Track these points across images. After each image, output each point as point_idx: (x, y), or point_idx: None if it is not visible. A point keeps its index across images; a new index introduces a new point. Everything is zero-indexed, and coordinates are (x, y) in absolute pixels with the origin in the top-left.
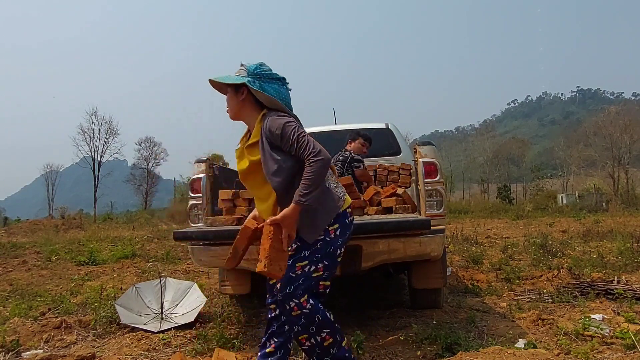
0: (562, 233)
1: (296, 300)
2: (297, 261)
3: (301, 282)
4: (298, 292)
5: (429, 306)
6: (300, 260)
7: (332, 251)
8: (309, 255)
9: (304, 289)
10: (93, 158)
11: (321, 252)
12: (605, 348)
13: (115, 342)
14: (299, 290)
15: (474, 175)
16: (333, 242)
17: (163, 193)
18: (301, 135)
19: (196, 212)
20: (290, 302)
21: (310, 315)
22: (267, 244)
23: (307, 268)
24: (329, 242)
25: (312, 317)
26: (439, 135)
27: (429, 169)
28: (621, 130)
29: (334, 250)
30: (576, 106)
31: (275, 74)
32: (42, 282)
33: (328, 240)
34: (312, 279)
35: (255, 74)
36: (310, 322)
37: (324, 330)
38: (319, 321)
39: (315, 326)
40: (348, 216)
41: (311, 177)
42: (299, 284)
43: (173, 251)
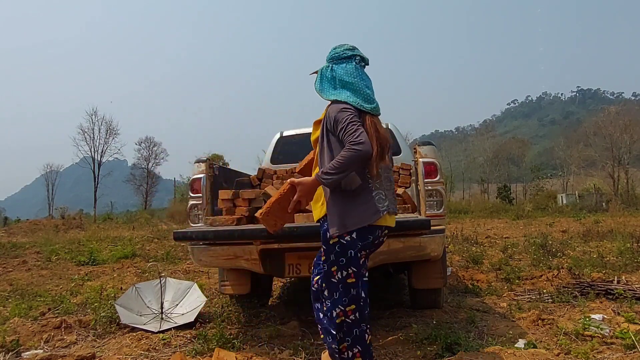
0: (562, 233)
1: (342, 308)
2: (330, 265)
3: (341, 289)
4: (340, 297)
5: (429, 306)
6: (331, 265)
7: (353, 256)
8: (333, 258)
9: (349, 298)
10: (93, 158)
11: (344, 257)
12: (605, 348)
13: (115, 342)
14: (342, 296)
15: (474, 175)
16: (350, 245)
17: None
18: (353, 122)
19: (196, 212)
20: (336, 309)
21: (351, 326)
22: (275, 197)
23: (338, 274)
24: (345, 245)
25: (352, 328)
26: (439, 135)
27: (429, 169)
28: (621, 130)
29: (355, 254)
30: (576, 106)
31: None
32: (42, 282)
33: (344, 243)
34: (349, 286)
35: (332, 59)
36: (348, 333)
37: (357, 346)
38: (355, 335)
39: (351, 339)
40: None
41: (341, 160)
42: (339, 290)
43: (173, 251)
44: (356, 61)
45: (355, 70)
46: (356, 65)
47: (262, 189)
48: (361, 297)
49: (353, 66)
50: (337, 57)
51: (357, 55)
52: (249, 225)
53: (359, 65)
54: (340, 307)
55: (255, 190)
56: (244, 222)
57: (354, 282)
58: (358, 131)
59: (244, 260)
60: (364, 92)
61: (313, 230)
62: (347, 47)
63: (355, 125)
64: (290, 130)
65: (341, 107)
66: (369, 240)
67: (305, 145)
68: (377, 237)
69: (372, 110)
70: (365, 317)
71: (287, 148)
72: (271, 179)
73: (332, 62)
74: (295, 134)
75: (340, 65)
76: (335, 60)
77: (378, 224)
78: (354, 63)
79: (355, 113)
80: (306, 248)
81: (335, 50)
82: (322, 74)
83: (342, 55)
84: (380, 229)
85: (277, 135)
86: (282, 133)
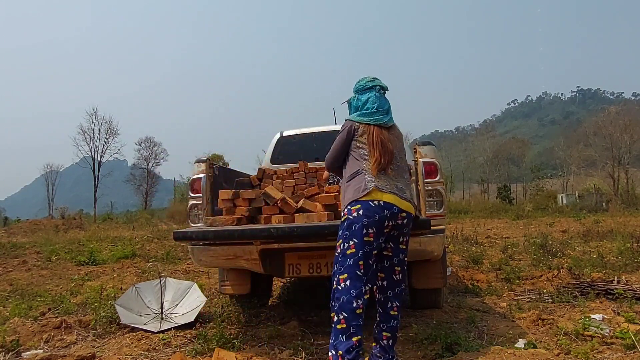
0: (562, 233)
1: (337, 275)
2: (337, 240)
3: (340, 259)
4: (338, 268)
5: (429, 306)
6: (337, 239)
7: (358, 229)
8: (341, 233)
9: (344, 268)
10: (93, 158)
11: (349, 230)
12: (605, 348)
13: (115, 342)
14: (339, 266)
15: (474, 175)
16: (356, 220)
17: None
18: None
19: (196, 212)
20: (334, 278)
21: (339, 293)
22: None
23: (342, 246)
24: (352, 220)
25: (339, 295)
26: (439, 135)
27: (429, 169)
28: (621, 130)
29: (359, 228)
30: (576, 106)
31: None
32: (42, 282)
33: (351, 218)
34: (347, 256)
35: (357, 90)
36: (336, 299)
37: (342, 312)
38: (342, 302)
39: (337, 305)
40: (373, 201)
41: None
42: (338, 261)
43: (173, 251)
44: (376, 90)
45: (375, 98)
46: (376, 93)
47: (262, 189)
48: (358, 270)
49: (373, 94)
50: (361, 88)
51: (377, 85)
52: (249, 225)
53: (379, 93)
54: (335, 276)
55: (255, 190)
56: (244, 222)
57: (353, 252)
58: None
59: (244, 260)
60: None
61: (313, 230)
62: (368, 80)
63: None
64: (290, 130)
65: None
66: (375, 219)
67: (305, 145)
68: (387, 217)
69: (377, 122)
70: (361, 292)
71: (287, 148)
72: (271, 179)
73: (358, 93)
74: (295, 134)
75: (364, 95)
76: (360, 92)
77: (369, 198)
78: (374, 92)
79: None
80: (306, 248)
81: (360, 83)
82: (350, 103)
83: (365, 87)
84: (388, 208)
85: (277, 135)
86: (282, 133)
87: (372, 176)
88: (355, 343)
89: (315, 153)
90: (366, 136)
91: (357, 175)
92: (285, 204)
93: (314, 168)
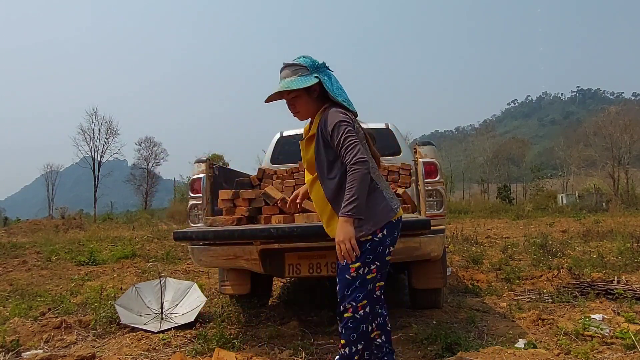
0: (562, 233)
1: (353, 303)
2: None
3: (357, 284)
4: (356, 295)
5: (429, 306)
6: (354, 261)
7: (382, 251)
8: (361, 256)
9: (364, 294)
10: (93, 158)
11: (372, 254)
12: (605, 348)
13: (115, 342)
14: (357, 293)
15: (474, 175)
16: (382, 241)
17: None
18: (349, 136)
19: (196, 212)
20: (347, 304)
21: (357, 322)
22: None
23: (361, 270)
24: (377, 242)
25: (357, 325)
26: (439, 135)
27: (429, 169)
28: (621, 130)
29: (383, 250)
30: (576, 106)
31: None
32: (42, 282)
33: (377, 240)
34: (367, 281)
35: (318, 68)
36: (353, 329)
37: (361, 342)
38: (361, 331)
39: (356, 335)
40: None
41: (354, 186)
42: (356, 287)
43: (173, 251)
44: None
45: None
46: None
47: (262, 189)
48: (375, 293)
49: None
50: (320, 65)
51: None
52: (249, 225)
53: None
54: (352, 304)
55: (255, 190)
56: (244, 222)
57: (374, 276)
58: (357, 147)
59: (244, 260)
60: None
61: (313, 230)
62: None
63: (352, 139)
64: (290, 130)
65: (338, 119)
66: (395, 235)
67: None
68: (400, 231)
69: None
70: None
71: (287, 148)
72: (271, 179)
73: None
74: (295, 134)
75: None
76: (322, 68)
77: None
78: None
79: (350, 121)
80: (306, 248)
81: (313, 60)
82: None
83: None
84: (400, 222)
85: (277, 135)
86: (282, 133)
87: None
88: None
89: None
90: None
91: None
92: (285, 204)
93: None
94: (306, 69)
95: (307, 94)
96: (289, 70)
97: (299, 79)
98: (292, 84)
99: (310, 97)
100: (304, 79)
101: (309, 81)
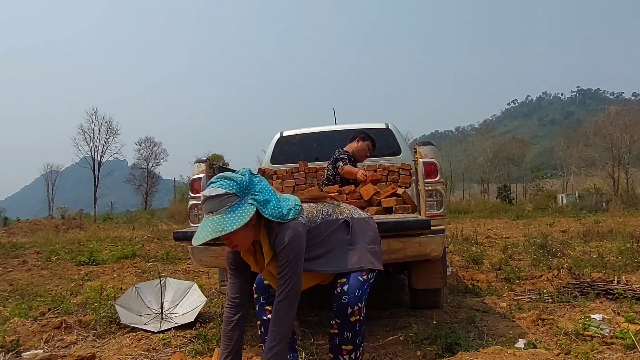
0: (562, 233)
1: (360, 305)
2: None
3: (366, 287)
4: (364, 296)
5: (429, 306)
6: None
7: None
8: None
9: (366, 296)
10: (93, 158)
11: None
12: (605, 348)
13: (115, 342)
14: (365, 295)
15: (474, 175)
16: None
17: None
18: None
19: (196, 212)
20: (355, 307)
21: (364, 323)
22: None
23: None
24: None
25: (363, 326)
26: (439, 135)
27: (429, 169)
28: (621, 130)
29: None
30: (576, 106)
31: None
32: (42, 282)
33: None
34: (370, 285)
35: (247, 188)
36: (363, 335)
37: (363, 344)
38: (363, 333)
39: (360, 338)
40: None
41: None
42: (364, 290)
43: (173, 251)
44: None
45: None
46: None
47: None
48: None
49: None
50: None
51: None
52: None
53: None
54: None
55: None
56: None
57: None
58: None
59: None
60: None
61: None
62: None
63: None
64: (290, 130)
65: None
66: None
67: (305, 145)
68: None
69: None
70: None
71: (287, 148)
72: (271, 179)
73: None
74: (295, 134)
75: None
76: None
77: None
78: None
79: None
80: None
81: (237, 180)
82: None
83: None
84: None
85: (277, 135)
86: (282, 133)
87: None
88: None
89: (315, 153)
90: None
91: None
92: None
93: (314, 168)
94: (235, 196)
95: (246, 226)
96: (214, 203)
97: (232, 216)
98: (226, 224)
99: (250, 226)
100: (239, 211)
101: (246, 213)
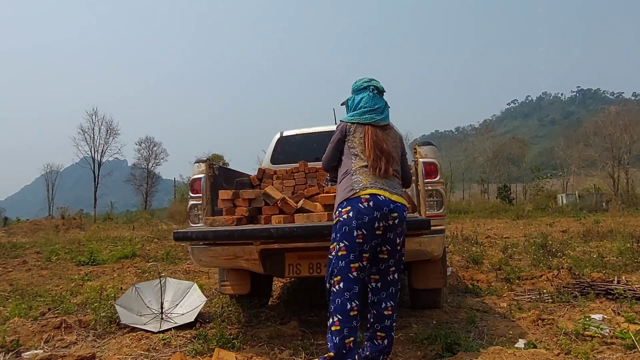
0: (562, 233)
1: (331, 279)
2: (331, 243)
3: (333, 261)
4: (332, 270)
5: (429, 306)
6: (331, 242)
7: (348, 231)
8: (334, 235)
9: (337, 270)
10: (93, 158)
11: (339, 232)
12: (605, 348)
13: (115, 342)
14: (332, 268)
15: (474, 175)
16: (347, 222)
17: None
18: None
19: (196, 212)
20: (328, 280)
21: (334, 295)
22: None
23: (335, 248)
24: (343, 222)
25: (334, 298)
26: (439, 135)
27: (429, 169)
28: (621, 130)
29: (350, 230)
30: (576, 106)
31: (362, 85)
32: (42, 282)
33: (342, 220)
34: (339, 258)
35: (353, 91)
36: (331, 302)
37: (337, 315)
38: (337, 304)
39: (333, 308)
40: (361, 201)
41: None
42: (332, 263)
43: (173, 251)
44: (370, 90)
45: (368, 98)
46: (369, 93)
47: (262, 189)
48: (350, 273)
49: (367, 94)
50: (357, 89)
51: (371, 85)
52: (249, 225)
53: (373, 92)
54: (329, 279)
55: (255, 190)
56: (244, 222)
57: (344, 254)
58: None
59: (244, 260)
60: (367, 110)
61: (313, 230)
62: (364, 80)
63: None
64: (290, 130)
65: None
66: (364, 220)
67: (305, 145)
68: (377, 218)
69: (368, 121)
70: (355, 294)
71: (287, 148)
72: (271, 179)
73: (354, 93)
74: (295, 134)
75: (359, 95)
76: (356, 92)
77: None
78: (368, 92)
79: (339, 131)
80: (306, 248)
81: (356, 84)
82: (348, 103)
83: (360, 87)
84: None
85: (277, 135)
86: (282, 133)
87: (361, 175)
88: (348, 345)
89: (315, 153)
90: (359, 136)
91: (346, 175)
92: (285, 204)
93: (314, 168)
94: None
95: None
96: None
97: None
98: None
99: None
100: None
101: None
